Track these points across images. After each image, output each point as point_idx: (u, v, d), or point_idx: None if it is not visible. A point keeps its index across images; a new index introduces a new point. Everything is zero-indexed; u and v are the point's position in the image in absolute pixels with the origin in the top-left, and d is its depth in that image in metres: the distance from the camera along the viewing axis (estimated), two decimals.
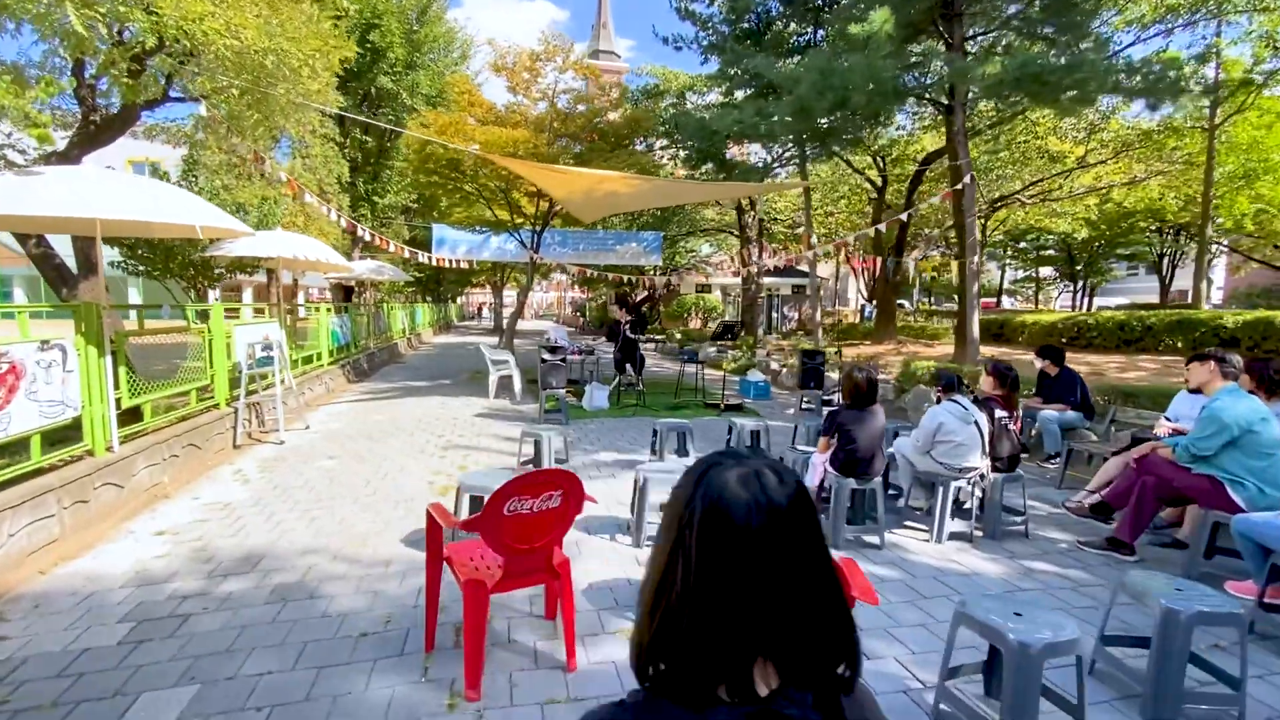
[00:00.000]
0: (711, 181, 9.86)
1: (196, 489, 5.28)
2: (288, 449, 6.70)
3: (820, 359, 8.84)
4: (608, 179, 8.46)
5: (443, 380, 12.62)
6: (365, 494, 5.05)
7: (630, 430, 7.73)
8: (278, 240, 8.00)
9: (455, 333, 34.04)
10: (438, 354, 19.59)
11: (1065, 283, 46.02)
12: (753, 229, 18.08)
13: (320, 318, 11.12)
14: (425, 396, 10.32)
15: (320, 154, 12.09)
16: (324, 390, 10.56)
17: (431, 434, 7.35)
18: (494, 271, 32.65)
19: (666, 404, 9.62)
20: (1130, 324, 11.95)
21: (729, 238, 28.69)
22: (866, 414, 3.98)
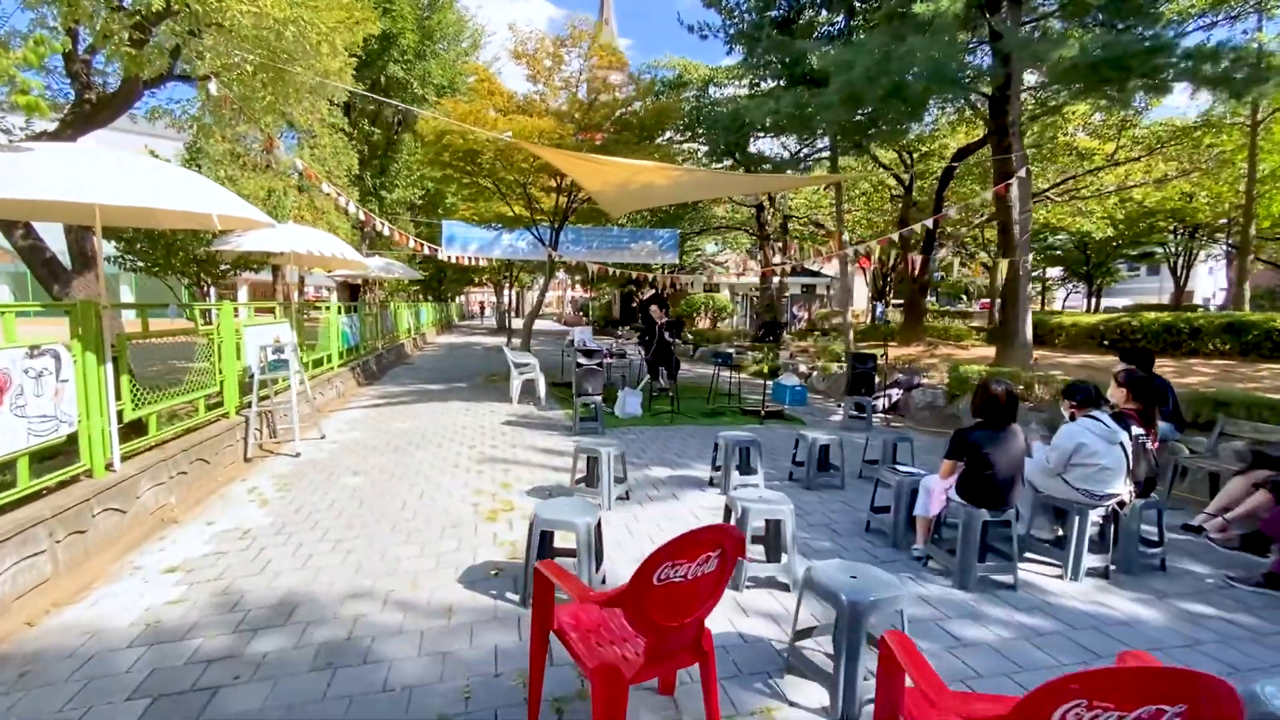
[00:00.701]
0: (758, 174, 9.29)
1: (208, 511, 4.66)
2: (305, 462, 6.08)
3: (871, 363, 8.28)
4: (645, 170, 7.88)
5: (457, 383, 12.00)
6: (403, 519, 4.44)
7: (673, 440, 7.14)
8: (292, 234, 7.38)
9: (457, 332, 33.38)
10: (445, 355, 18.96)
11: (1072, 283, 45.80)
12: (772, 227, 17.50)
13: (330, 317, 10.49)
14: (444, 401, 9.70)
15: (329, 145, 11.45)
16: (335, 394, 9.94)
17: (462, 444, 6.74)
18: (496, 270, 32.03)
19: (701, 410, 9.05)
20: (1177, 326, 11.43)
21: (739, 236, 28.15)
22: (1006, 434, 3.41)
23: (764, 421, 8.46)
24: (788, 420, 8.69)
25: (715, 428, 7.97)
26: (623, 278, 31.35)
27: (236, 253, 7.82)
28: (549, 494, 5.02)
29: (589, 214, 14.63)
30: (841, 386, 11.52)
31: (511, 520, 4.37)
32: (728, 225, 24.26)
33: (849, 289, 13.95)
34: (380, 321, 15.10)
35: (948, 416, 8.83)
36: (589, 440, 4.80)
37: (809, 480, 5.36)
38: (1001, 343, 11.32)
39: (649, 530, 4.26)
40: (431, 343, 24.24)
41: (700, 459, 6.30)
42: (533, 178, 11.94)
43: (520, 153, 10.70)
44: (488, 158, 11.05)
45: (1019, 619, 3.20)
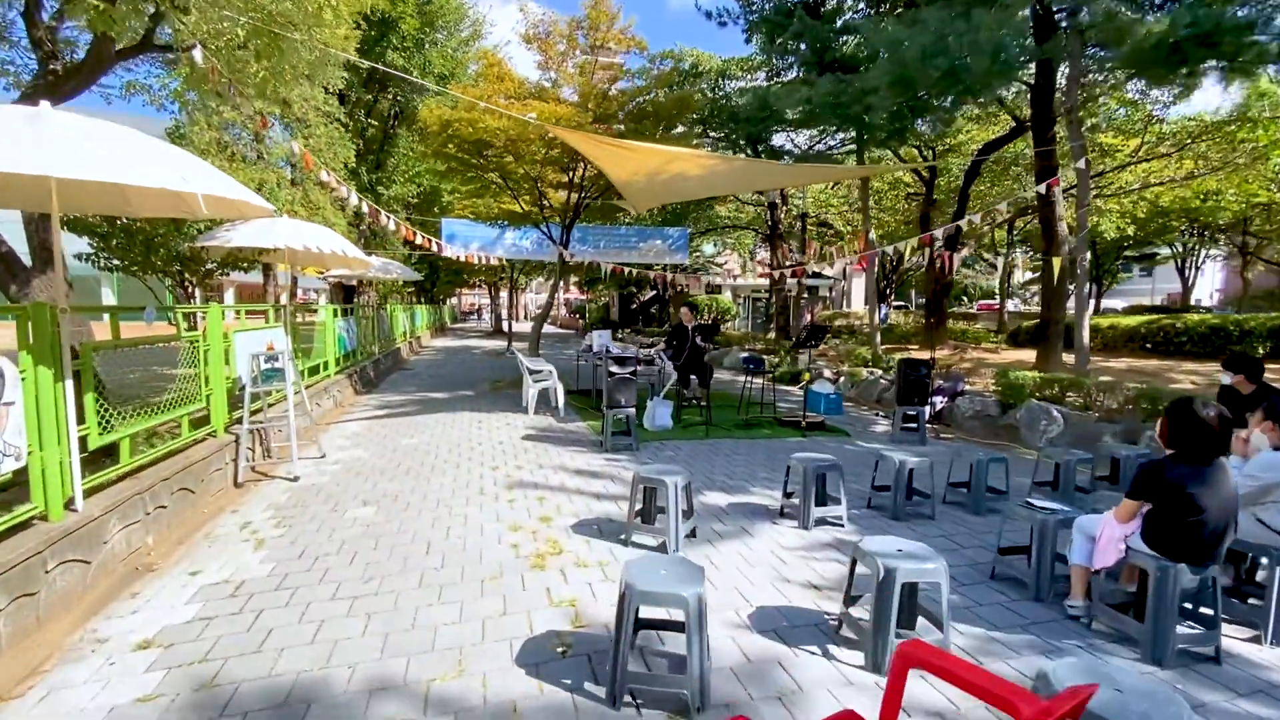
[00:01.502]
0: (800, 164, 8.59)
1: (193, 556, 3.86)
2: (305, 488, 5.28)
3: (925, 370, 7.58)
4: (679, 157, 7.15)
5: (462, 391, 11.19)
6: (431, 567, 3.67)
7: (716, 457, 6.40)
8: (289, 229, 6.58)
9: (452, 335, 32.48)
10: (443, 359, 18.12)
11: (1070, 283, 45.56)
12: (785, 225, 16.83)
13: (326, 321, 9.67)
14: (452, 412, 8.90)
15: (325, 135, 10.63)
16: (333, 404, 9.11)
17: (482, 465, 5.97)
18: (493, 271, 31.19)
19: (734, 421, 8.32)
20: (1225, 328, 10.87)
21: (742, 237, 27.51)
22: (1215, 471, 2.69)
23: (806, 434, 7.74)
24: (830, 432, 7.98)
25: (755, 441, 7.25)
26: (621, 278, 30.65)
27: (225, 250, 7.00)
28: (598, 529, 4.26)
29: (595, 212, 13.89)
30: (873, 394, 10.87)
31: (564, 569, 3.61)
32: (733, 225, 23.58)
33: (876, 291, 13.29)
34: (377, 325, 14.26)
35: (1002, 428, 8.16)
36: (652, 470, 4.05)
37: (896, 509, 4.64)
38: (1044, 346, 10.71)
39: (733, 580, 3.52)
40: (427, 346, 23.38)
41: (754, 480, 5.57)
42: (543, 172, 11.19)
43: (533, 143, 9.95)
44: (497, 149, 10.29)
45: (1245, 709, 2.48)
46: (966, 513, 4.87)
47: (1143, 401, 7.25)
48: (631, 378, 6.51)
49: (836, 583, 3.49)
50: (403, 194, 16.29)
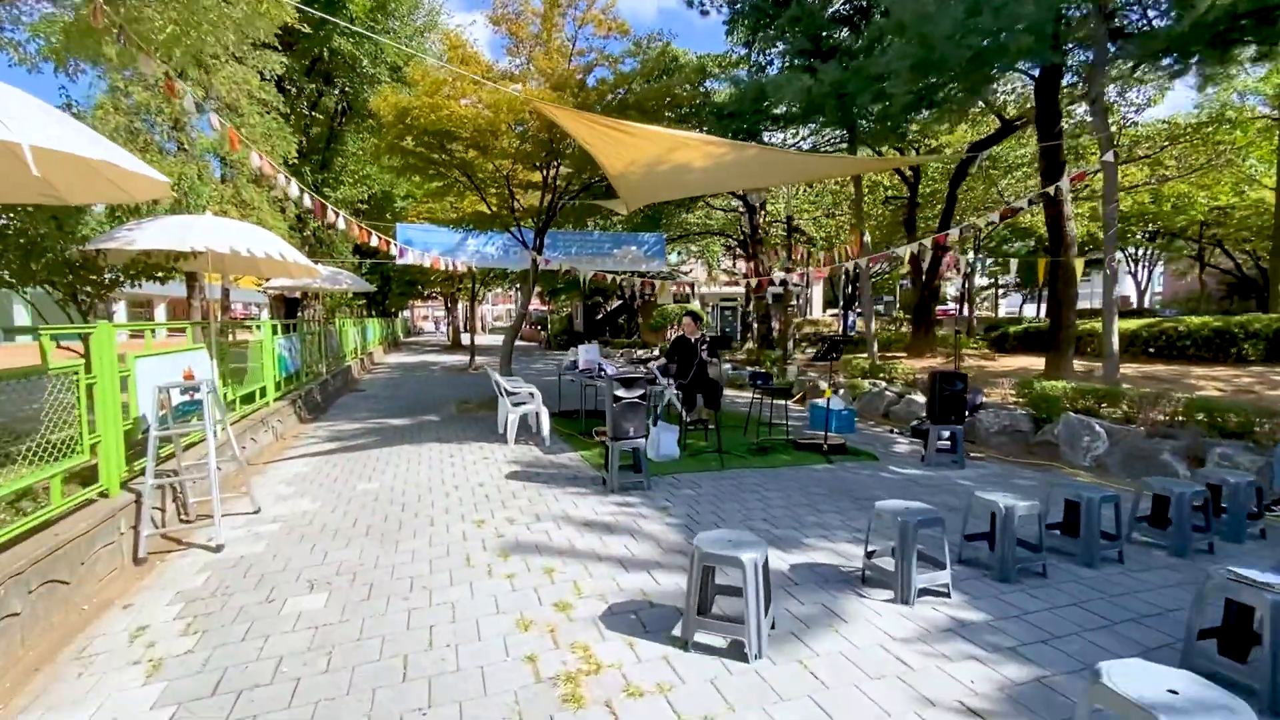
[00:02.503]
0: (822, 155, 7.68)
1: (50, 695, 2.59)
2: (230, 561, 4.00)
3: (962, 384, 6.76)
4: (685, 145, 6.16)
5: (425, 416, 9.87)
6: (413, 702, 2.49)
7: (746, 495, 5.37)
8: (210, 228, 5.28)
9: (406, 350, 30.66)
10: (399, 378, 16.60)
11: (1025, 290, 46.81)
12: (765, 230, 16.09)
13: (264, 339, 8.25)
14: (417, 443, 7.62)
15: (261, 126, 9.22)
16: (271, 439, 7.71)
17: (464, 518, 4.77)
18: (450, 281, 29.60)
19: (746, 446, 7.33)
20: (1229, 330, 10.54)
21: (711, 244, 26.82)
22: None
23: (831, 459, 6.81)
24: (855, 455, 7.08)
25: (777, 471, 6.27)
26: (587, 288, 29.47)
27: (128, 254, 5.61)
28: (638, 621, 3.16)
29: (567, 215, 12.80)
30: (879, 407, 10.07)
31: (611, 703, 2.49)
32: (705, 231, 22.81)
33: (870, 295, 12.59)
34: (324, 341, 12.76)
35: (1038, 445, 7.42)
36: (714, 539, 2.98)
37: (1004, 568, 3.69)
38: (1055, 353, 10.13)
39: (859, 711, 2.47)
40: (381, 363, 21.69)
41: (804, 527, 4.56)
42: (515, 170, 10.04)
43: (504, 135, 8.80)
44: (463, 142, 9.09)
45: None
46: (1076, 564, 3.97)
47: (1197, 413, 6.61)
48: (641, 403, 5.43)
49: (999, 700, 2.49)
50: (351, 197, 14.82)
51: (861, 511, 4.96)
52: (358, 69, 12.47)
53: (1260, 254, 25.19)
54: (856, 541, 4.27)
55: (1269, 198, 17.87)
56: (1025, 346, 14.05)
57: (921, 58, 6.88)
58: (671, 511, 4.88)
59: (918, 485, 5.92)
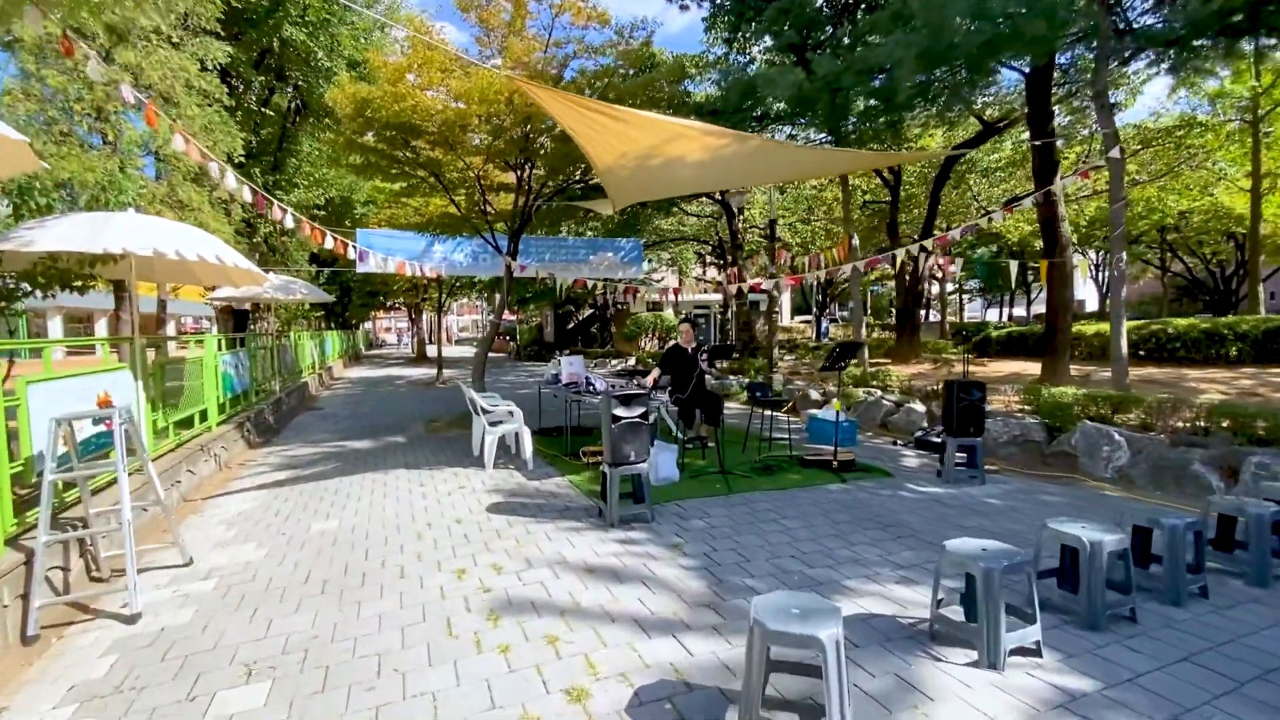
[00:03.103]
0: (831, 149, 7.11)
1: None
2: (145, 639, 3.19)
3: (980, 393, 6.28)
4: (684, 135, 5.57)
5: (391, 437, 9.00)
6: None
7: (764, 525, 4.74)
8: (130, 227, 4.44)
9: (368, 364, 29.34)
10: (361, 394, 15.56)
11: (989, 295, 47.80)
12: (744, 235, 15.66)
13: (205, 356, 7.32)
14: (382, 470, 6.79)
15: (201, 118, 8.29)
16: (213, 469, 6.78)
17: (442, 567, 4.01)
18: (414, 291, 28.47)
19: (749, 464, 6.73)
20: (1219, 332, 10.44)
21: (684, 251, 26.38)
22: None
23: (844, 478, 6.25)
24: (867, 473, 6.53)
25: (789, 493, 5.68)
26: (558, 296, 28.67)
27: (29, 258, 4.71)
28: (674, 710, 2.48)
29: (541, 219, 12.12)
30: (876, 417, 9.60)
31: None
32: (680, 237, 22.33)
33: (863, 302, 12.20)
34: (278, 357, 11.74)
35: (1053, 456, 7.00)
36: (775, 609, 2.34)
37: (1093, 614, 3.13)
38: (1051, 357, 9.84)
39: None
40: (341, 378, 20.51)
41: (839, 565, 3.95)
42: (486, 170, 9.32)
43: (475, 128, 8.08)
44: (430, 137, 8.33)
45: None
46: (1161, 602, 3.45)
47: (1220, 419, 6.27)
48: (643, 423, 4.77)
49: None
50: (307, 200, 13.83)
51: (897, 542, 4.39)
52: (312, 62, 11.55)
53: (1218, 256, 25.93)
54: (905, 582, 3.68)
55: (1227, 201, 18.29)
56: (1008, 351, 13.86)
57: (927, 47, 6.45)
58: (685, 549, 4.22)
59: (943, 506, 5.39)
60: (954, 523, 4.87)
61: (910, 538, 4.50)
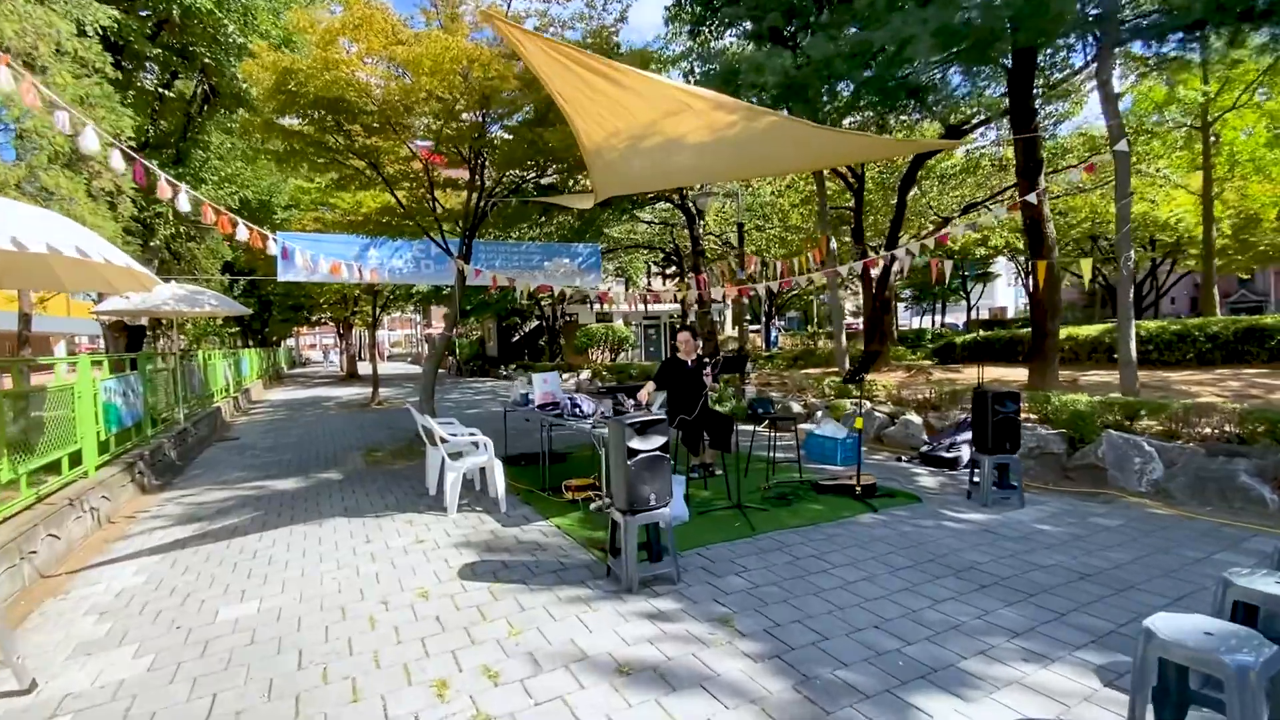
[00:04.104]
0: (857, 133, 6.29)
1: None
2: None
3: (1014, 405, 5.63)
4: (687, 108, 4.66)
5: (324, 473, 7.59)
6: None
7: (818, 579, 3.81)
8: None
9: (292, 384, 26.92)
10: (285, 419, 13.77)
11: (921, 303, 49.43)
12: (706, 241, 14.94)
13: (80, 381, 5.79)
14: (315, 521, 5.46)
15: (75, 89, 6.73)
16: (88, 528, 5.28)
17: (413, 677, 2.85)
18: (343, 304, 26.28)
19: (757, 493, 5.81)
20: (1190, 333, 10.43)
21: (634, 260, 25.55)
22: None
23: (874, 506, 5.44)
24: (893, 498, 5.75)
25: (822, 529, 4.80)
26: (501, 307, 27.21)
27: None
28: None
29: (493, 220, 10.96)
30: (869, 430, 8.93)
31: None
32: (635, 244, 21.47)
33: (841, 308, 11.62)
34: (183, 379, 10.01)
35: (1079, 470, 6.46)
36: None
37: None
38: (1039, 361, 9.48)
39: None
40: (261, 401, 18.40)
41: (938, 633, 3.07)
42: (434, 163, 8.12)
43: (421, 109, 6.91)
44: (366, 120, 7.09)
45: None
46: None
47: (1255, 424, 5.87)
48: (664, 456, 3.77)
49: None
50: (216, 200, 12.07)
51: (984, 594, 3.57)
52: (221, 38, 9.96)
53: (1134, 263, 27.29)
54: (1036, 659, 2.84)
55: (1148, 209, 19.10)
56: (976, 357, 13.67)
57: (941, 25, 5.81)
58: (737, 624, 3.23)
59: (999, 537, 4.65)
60: (1027, 561, 4.11)
61: (995, 586, 3.69)
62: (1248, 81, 11.72)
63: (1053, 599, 3.52)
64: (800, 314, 48.51)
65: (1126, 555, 4.23)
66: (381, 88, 6.68)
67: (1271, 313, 23.97)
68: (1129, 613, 3.32)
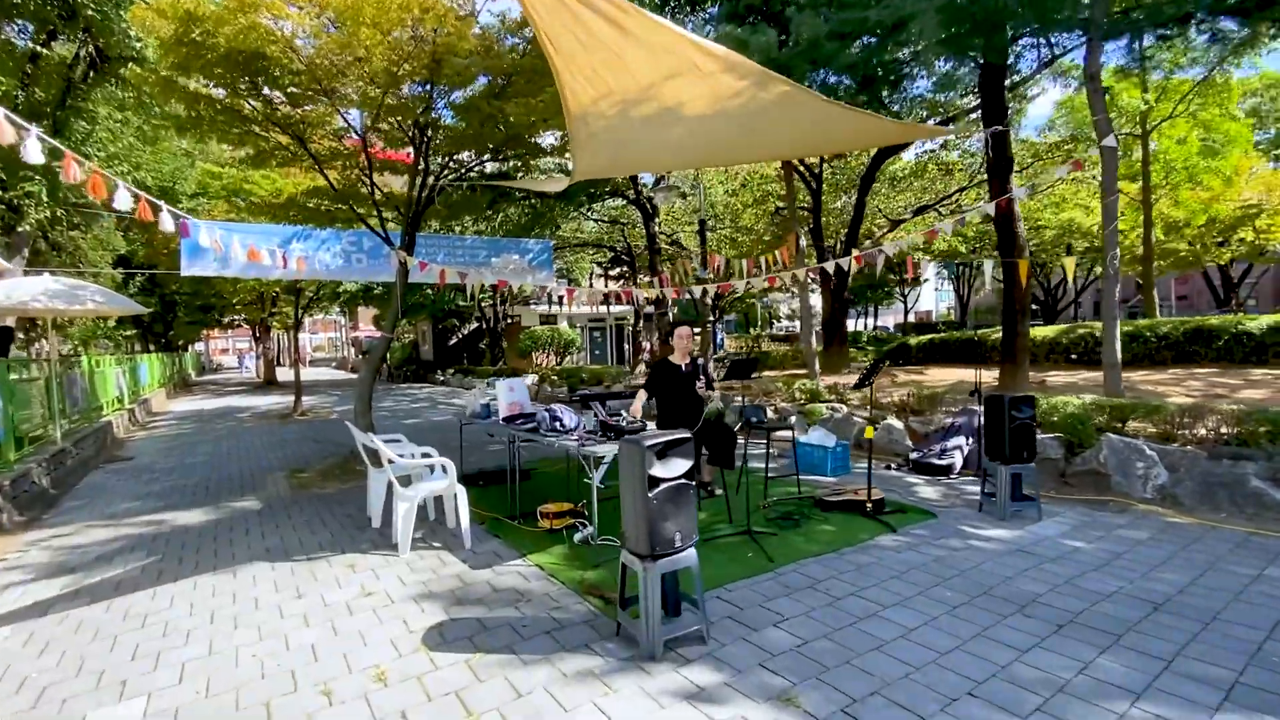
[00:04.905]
0: (869, 113, 5.66)
1: None
2: None
3: (1030, 410, 5.23)
4: (694, 68, 3.98)
5: (239, 501, 6.40)
6: None
7: (869, 625, 3.17)
8: None
9: (202, 393, 24.45)
10: (192, 434, 12.12)
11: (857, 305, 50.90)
12: (661, 239, 14.32)
13: None
14: (228, 570, 4.38)
15: None
16: None
17: None
18: (259, 304, 24.00)
19: (755, 513, 5.16)
20: (1142, 334, 10.65)
21: (580, 260, 24.69)
22: None
23: (893, 526, 4.89)
24: (906, 514, 5.23)
25: (841, 555, 4.18)
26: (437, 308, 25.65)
27: None
28: None
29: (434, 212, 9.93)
30: (847, 435, 8.50)
31: None
32: (584, 243, 20.61)
33: (810, 307, 11.21)
34: (61, 390, 8.43)
35: (1079, 476, 6.18)
36: None
37: None
38: (1009, 364, 9.36)
39: None
40: (163, 413, 16.35)
41: (1028, 688, 2.49)
42: (373, 138, 7.07)
43: (357, 71, 5.89)
44: (288, 82, 6.00)
45: None
46: None
47: (1256, 425, 5.72)
48: (688, 485, 3.03)
49: None
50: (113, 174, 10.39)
51: (1063, 636, 3.04)
52: None
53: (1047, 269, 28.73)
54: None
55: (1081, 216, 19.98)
56: (931, 359, 13.67)
57: (946, 1, 5.38)
58: (806, 703, 2.52)
59: (1033, 557, 4.20)
60: (1084, 589, 3.64)
61: (1073, 626, 3.17)
62: (1183, 92, 12.21)
63: (1144, 640, 3.02)
64: (740, 317, 48.91)
65: (1180, 576, 3.83)
66: (309, 43, 5.62)
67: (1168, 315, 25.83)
68: (1237, 654, 2.86)
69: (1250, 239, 15.97)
